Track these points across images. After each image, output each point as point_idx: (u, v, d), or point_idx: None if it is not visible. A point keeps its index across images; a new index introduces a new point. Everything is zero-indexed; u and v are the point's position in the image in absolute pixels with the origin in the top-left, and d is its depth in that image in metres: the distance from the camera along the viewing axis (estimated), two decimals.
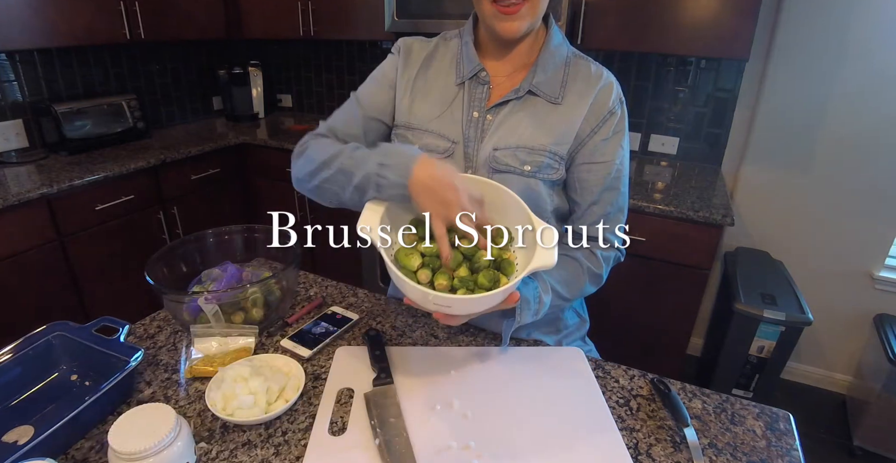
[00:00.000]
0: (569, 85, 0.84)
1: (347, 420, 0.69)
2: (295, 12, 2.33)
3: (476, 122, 0.85)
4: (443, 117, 0.87)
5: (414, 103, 0.89)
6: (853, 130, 1.81)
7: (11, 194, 1.62)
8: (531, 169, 0.82)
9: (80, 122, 2.10)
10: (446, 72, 0.89)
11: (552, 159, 0.83)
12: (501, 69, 0.87)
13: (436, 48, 0.91)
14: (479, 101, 0.85)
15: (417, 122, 0.88)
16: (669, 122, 2.11)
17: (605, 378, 0.80)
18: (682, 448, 0.67)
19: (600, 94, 0.83)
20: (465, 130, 0.85)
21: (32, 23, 1.81)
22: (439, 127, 0.87)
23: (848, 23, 1.71)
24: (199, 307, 0.84)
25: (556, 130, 0.83)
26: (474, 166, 0.85)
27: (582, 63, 0.86)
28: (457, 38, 0.91)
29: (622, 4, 1.72)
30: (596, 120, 0.83)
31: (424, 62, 0.90)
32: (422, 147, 0.86)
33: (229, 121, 2.75)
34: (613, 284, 1.79)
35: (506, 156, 0.83)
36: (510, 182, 0.81)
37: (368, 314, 0.95)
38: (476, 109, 0.85)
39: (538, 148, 0.82)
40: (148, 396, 0.75)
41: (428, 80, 0.89)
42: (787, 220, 2.00)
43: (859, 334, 2.00)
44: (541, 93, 0.83)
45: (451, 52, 0.90)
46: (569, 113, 0.83)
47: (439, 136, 0.86)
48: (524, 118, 0.84)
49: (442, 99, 0.88)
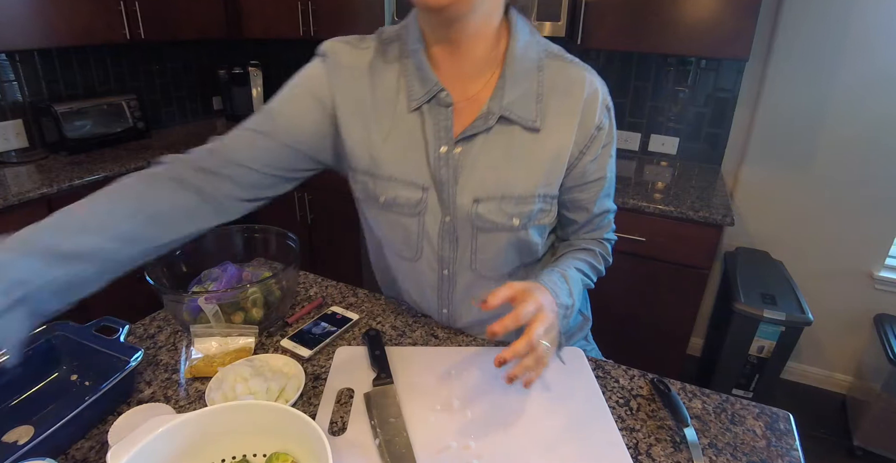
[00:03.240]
0: (547, 101, 0.69)
1: (347, 420, 0.69)
2: (295, 12, 2.33)
3: (445, 159, 0.69)
4: (406, 158, 0.71)
5: (371, 143, 0.71)
6: (853, 130, 1.81)
7: (11, 194, 1.62)
8: (521, 222, 0.71)
9: (80, 122, 2.10)
10: (394, 91, 0.70)
11: (544, 202, 0.72)
12: (457, 81, 0.69)
13: (375, 58, 0.72)
14: (444, 131, 0.69)
15: (378, 167, 0.72)
16: (669, 122, 2.11)
17: (605, 378, 0.80)
18: (682, 448, 0.67)
19: (586, 109, 0.70)
20: (434, 172, 0.70)
21: (32, 23, 1.81)
22: (405, 171, 0.71)
23: (848, 23, 1.71)
24: (199, 307, 0.84)
25: (542, 169, 0.70)
26: (453, 217, 0.72)
27: (557, 65, 0.71)
28: (397, 41, 0.72)
29: (622, 4, 1.72)
30: (584, 140, 0.71)
31: (369, 79, 0.71)
32: (389, 201, 0.73)
33: (229, 121, 2.75)
34: (614, 284, 1.80)
35: (490, 212, 0.70)
36: (497, 240, 0.73)
37: (368, 314, 0.95)
38: (444, 143, 0.69)
39: (526, 196, 0.70)
40: (148, 396, 0.75)
41: (377, 101, 0.71)
42: (787, 220, 2.00)
43: (859, 334, 2.00)
44: (515, 117, 0.68)
45: (394, 63, 0.71)
46: (554, 143, 0.70)
47: (407, 184, 0.71)
48: (501, 155, 0.69)
49: (398, 131, 0.70)
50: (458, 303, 0.84)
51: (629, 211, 1.68)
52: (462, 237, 0.75)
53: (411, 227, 0.75)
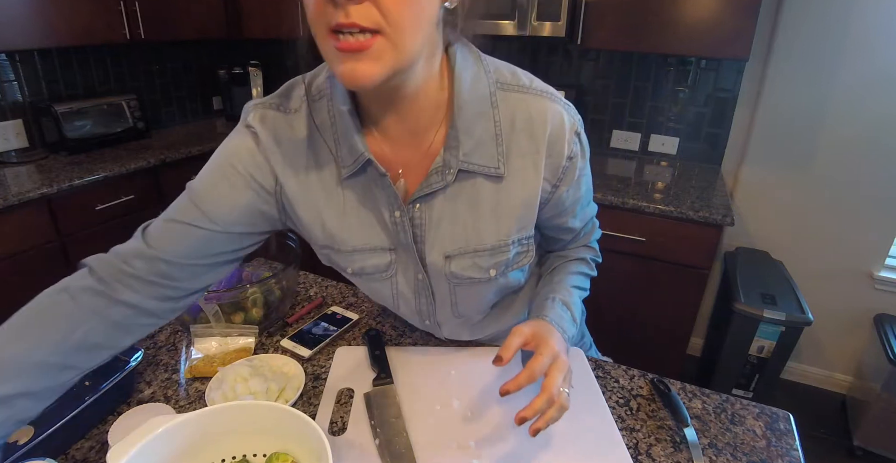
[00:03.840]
0: (507, 142, 0.61)
1: (347, 420, 0.69)
2: (295, 12, 2.33)
3: (401, 223, 0.63)
4: (363, 226, 0.65)
5: (324, 219, 0.65)
6: (853, 130, 1.81)
7: (11, 194, 1.62)
8: (498, 271, 0.67)
9: (80, 122, 2.10)
10: (334, 160, 0.63)
11: (520, 246, 0.67)
12: (404, 138, 0.61)
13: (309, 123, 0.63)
14: (391, 197, 0.62)
15: (338, 243, 0.66)
16: (669, 122, 2.11)
17: (605, 378, 0.80)
18: (682, 448, 0.67)
19: (552, 143, 0.61)
20: (392, 237, 0.65)
21: (32, 23, 1.81)
22: (366, 239, 0.66)
23: (848, 23, 1.71)
24: (199, 307, 0.84)
25: (512, 217, 0.64)
26: (426, 275, 0.68)
27: (513, 98, 0.61)
28: (325, 98, 0.62)
29: (622, 4, 1.72)
30: (556, 173, 0.63)
31: (306, 151, 0.63)
32: (358, 271, 0.68)
33: (229, 121, 2.75)
34: (614, 284, 1.81)
35: (464, 268, 0.66)
36: (477, 290, 0.69)
37: (368, 314, 0.95)
38: (395, 209, 0.62)
39: (500, 245, 0.65)
40: (148, 396, 0.75)
41: (322, 176, 0.64)
42: (787, 220, 2.00)
43: (859, 334, 2.00)
44: (476, 167, 0.60)
45: (326, 127, 0.62)
46: (522, 188, 0.63)
47: (371, 251, 0.66)
48: (467, 208, 0.63)
49: (348, 201, 0.64)
50: (449, 333, 0.83)
51: (629, 211, 1.68)
52: (439, 292, 0.71)
53: (384, 291, 0.72)
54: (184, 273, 0.62)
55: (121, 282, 0.60)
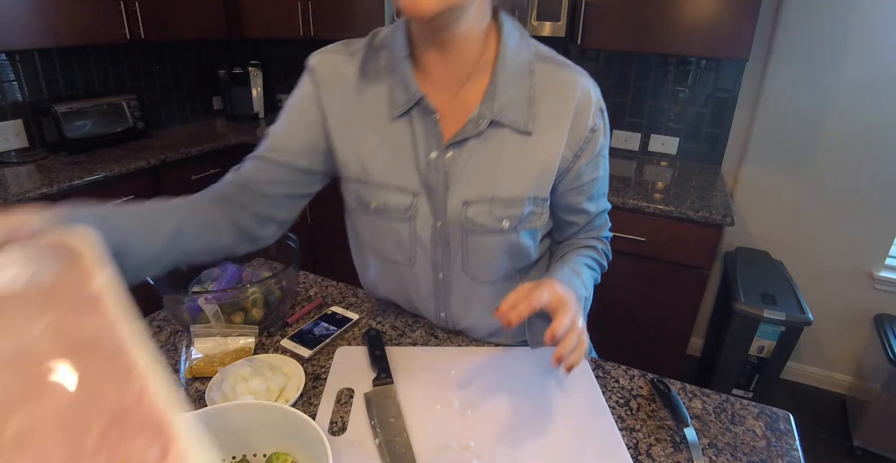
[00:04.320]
0: (538, 104, 0.68)
1: (347, 420, 0.69)
2: (295, 12, 2.33)
3: (435, 164, 0.69)
4: (393, 163, 0.71)
5: (361, 152, 0.72)
6: (853, 130, 1.81)
7: (11, 194, 1.62)
8: (511, 224, 0.71)
9: (80, 122, 2.10)
10: (383, 100, 0.70)
11: (535, 205, 0.72)
12: (444, 87, 0.69)
13: (364, 66, 0.71)
14: (433, 137, 0.69)
15: (367, 175, 0.72)
16: (669, 122, 2.11)
17: (605, 378, 0.80)
18: (682, 448, 0.67)
19: (578, 112, 0.69)
20: (423, 177, 0.70)
21: (32, 23, 1.81)
22: (395, 177, 0.71)
23: (848, 23, 1.71)
24: (199, 307, 0.84)
25: (533, 171, 0.69)
26: (445, 222, 0.72)
27: (548, 69, 0.69)
28: (386, 49, 0.71)
29: (622, 4, 1.72)
30: (578, 143, 0.70)
31: (357, 86, 0.71)
32: (380, 207, 0.73)
33: (229, 121, 2.75)
34: (613, 284, 1.80)
35: (479, 214, 0.70)
36: (487, 244, 0.73)
37: (368, 314, 0.95)
38: (433, 149, 0.69)
39: (516, 198, 0.70)
40: None
41: (366, 109, 0.71)
42: (787, 220, 2.00)
43: (859, 334, 2.00)
44: (507, 121, 0.68)
45: (381, 71, 0.70)
46: (546, 146, 0.69)
47: (398, 189, 0.72)
48: (491, 159, 0.69)
49: (387, 139, 0.71)
50: (456, 307, 0.84)
51: (629, 211, 1.68)
52: (453, 241, 0.74)
53: (402, 233, 0.75)
54: (263, 204, 0.74)
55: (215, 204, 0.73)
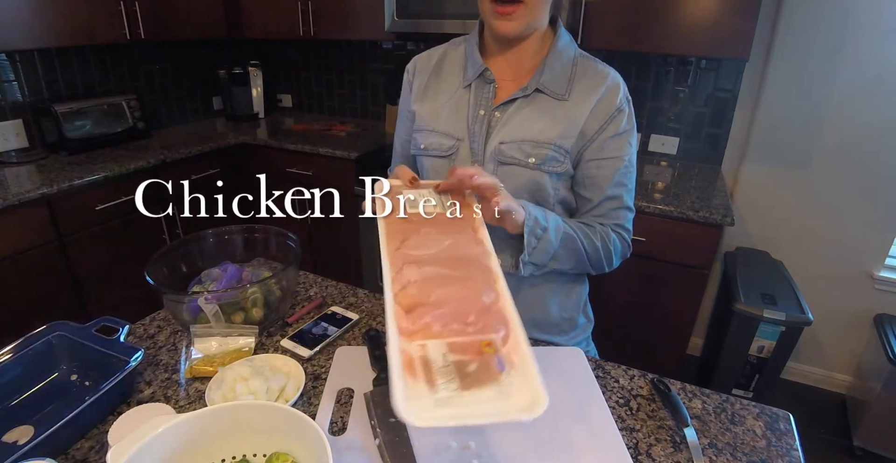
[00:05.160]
0: (576, 82, 0.86)
1: (347, 420, 0.69)
2: (295, 12, 2.33)
3: (482, 119, 0.88)
4: (449, 117, 0.91)
5: (424, 108, 0.94)
6: (853, 130, 1.81)
7: (11, 194, 1.62)
8: (536, 161, 0.85)
9: (80, 122, 2.10)
10: (456, 75, 0.93)
11: (557, 152, 0.85)
12: (507, 70, 0.89)
13: (445, 54, 0.96)
14: (485, 100, 0.88)
15: (425, 123, 0.93)
16: (669, 122, 2.11)
17: (605, 378, 0.80)
18: (682, 448, 0.67)
19: (607, 93, 0.85)
20: (470, 127, 0.89)
21: (32, 23, 1.81)
22: (445, 126, 0.91)
23: (848, 23, 1.71)
24: (199, 307, 0.84)
25: (561, 124, 0.85)
26: (482, 160, 0.88)
27: (589, 63, 0.88)
28: (463, 43, 0.94)
29: (622, 4, 1.72)
30: (604, 117, 0.85)
31: (434, 69, 0.95)
32: (426, 146, 0.92)
33: (229, 121, 2.75)
34: (614, 284, 1.81)
35: (511, 149, 0.85)
36: (515, 175, 0.86)
37: (368, 314, 0.95)
38: (482, 108, 0.88)
39: (543, 141, 0.85)
40: (148, 396, 0.75)
41: (440, 83, 0.94)
42: (787, 220, 2.00)
43: (859, 334, 2.00)
44: (548, 90, 0.85)
45: (459, 56, 0.94)
46: (575, 108, 0.85)
47: (444, 134, 0.91)
48: (530, 113, 0.86)
49: (449, 100, 0.92)
50: None
51: None
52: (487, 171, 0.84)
53: (444, 168, 0.91)
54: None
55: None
